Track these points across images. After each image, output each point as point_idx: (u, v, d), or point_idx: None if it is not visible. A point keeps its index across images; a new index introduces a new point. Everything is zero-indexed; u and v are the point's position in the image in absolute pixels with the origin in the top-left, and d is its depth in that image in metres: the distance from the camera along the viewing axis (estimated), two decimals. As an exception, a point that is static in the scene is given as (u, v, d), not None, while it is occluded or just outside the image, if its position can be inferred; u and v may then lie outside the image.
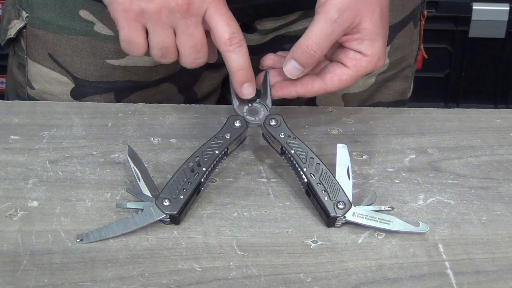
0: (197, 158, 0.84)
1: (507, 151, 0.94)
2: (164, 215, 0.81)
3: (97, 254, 0.79)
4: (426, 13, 1.11)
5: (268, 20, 1.02)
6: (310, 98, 0.95)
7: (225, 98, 1.13)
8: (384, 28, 0.86)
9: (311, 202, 0.84)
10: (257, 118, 0.87)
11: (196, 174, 0.83)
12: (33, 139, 0.92)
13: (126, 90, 1.04)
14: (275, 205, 0.85)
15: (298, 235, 0.82)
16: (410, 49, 1.09)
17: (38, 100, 1.04)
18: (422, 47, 1.12)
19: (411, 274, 0.78)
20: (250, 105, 0.88)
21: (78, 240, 0.79)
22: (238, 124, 0.87)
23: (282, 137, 0.86)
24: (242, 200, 0.86)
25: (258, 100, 0.88)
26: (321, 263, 0.79)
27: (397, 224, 0.82)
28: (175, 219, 0.82)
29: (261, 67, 0.90)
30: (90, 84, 1.03)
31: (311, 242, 0.81)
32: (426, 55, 1.14)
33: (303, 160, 0.84)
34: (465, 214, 0.85)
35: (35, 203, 0.84)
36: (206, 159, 0.84)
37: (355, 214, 0.82)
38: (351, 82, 0.87)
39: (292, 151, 0.85)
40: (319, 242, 0.81)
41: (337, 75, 0.86)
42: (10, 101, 1.00)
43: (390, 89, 1.10)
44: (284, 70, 0.87)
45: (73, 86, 1.03)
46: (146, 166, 0.87)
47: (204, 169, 0.83)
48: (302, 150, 0.85)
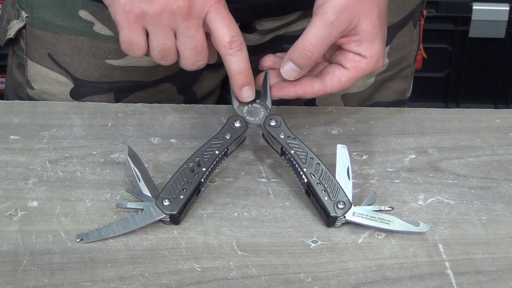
0: (197, 158, 0.84)
1: (507, 151, 0.94)
2: (164, 215, 0.81)
3: (97, 254, 0.79)
4: (425, 13, 1.11)
5: (267, 20, 1.02)
6: (309, 98, 0.95)
7: (224, 98, 1.13)
8: (382, 29, 0.87)
9: (311, 202, 0.84)
10: (257, 119, 0.87)
11: (196, 174, 0.83)
12: (33, 139, 0.92)
13: (125, 90, 1.04)
14: (275, 205, 0.85)
15: (298, 235, 0.82)
16: (410, 49, 1.09)
17: (37, 100, 1.04)
18: (422, 47, 1.12)
19: (411, 274, 0.78)
20: (250, 105, 0.88)
21: (78, 239, 0.79)
22: (238, 124, 0.87)
23: (282, 137, 0.86)
24: (242, 200, 0.86)
25: (258, 100, 0.88)
26: (321, 263, 0.79)
27: (397, 224, 0.82)
28: (175, 219, 0.82)
29: (260, 68, 0.90)
30: (89, 84, 1.03)
31: (311, 242, 0.81)
32: (425, 55, 1.14)
33: (303, 160, 0.84)
34: (465, 214, 0.85)
35: (35, 203, 0.84)
36: (206, 159, 0.84)
37: (355, 214, 0.82)
38: (351, 83, 0.87)
39: (292, 152, 0.85)
40: (319, 242, 0.81)
41: (336, 77, 0.87)
42: (10, 101, 1.00)
43: (390, 89, 1.10)
44: (281, 71, 0.87)
45: (72, 86, 1.03)
46: (146, 166, 0.87)
47: (204, 169, 0.83)
48: (302, 150, 0.85)
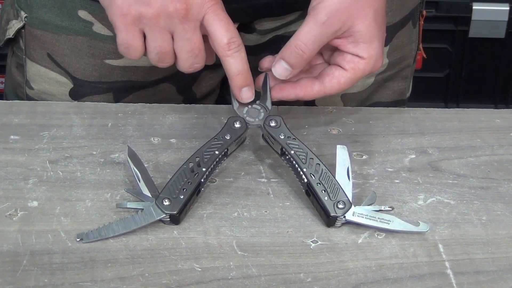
0: (197, 159, 0.84)
1: (507, 151, 0.94)
2: (164, 215, 0.81)
3: (97, 254, 0.79)
4: (425, 13, 1.11)
5: (267, 20, 1.02)
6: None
7: (224, 98, 1.13)
8: (379, 29, 0.86)
9: (311, 202, 0.84)
10: (257, 119, 0.87)
11: (196, 174, 0.83)
12: (33, 139, 0.92)
13: (125, 90, 1.04)
14: (275, 205, 0.85)
15: (298, 235, 0.82)
16: (409, 49, 1.09)
17: (37, 100, 1.04)
18: (421, 47, 1.12)
19: (411, 274, 0.78)
20: (249, 106, 0.88)
21: (78, 239, 0.80)
22: (238, 125, 0.87)
23: (282, 138, 0.86)
24: (242, 200, 0.86)
25: (257, 101, 0.88)
26: (321, 263, 0.79)
27: (397, 223, 0.82)
28: (175, 219, 0.81)
29: (260, 69, 0.90)
30: (89, 84, 1.03)
31: (311, 242, 0.81)
32: (425, 55, 1.14)
33: (303, 160, 0.84)
34: (465, 214, 0.85)
35: (35, 203, 0.84)
36: (206, 160, 0.84)
37: (355, 214, 0.82)
38: (350, 84, 0.87)
39: (292, 152, 0.85)
40: (319, 242, 0.81)
41: (335, 78, 0.87)
42: (10, 101, 1.00)
43: (389, 89, 1.10)
44: (272, 70, 0.87)
45: (72, 86, 1.03)
46: (146, 166, 0.87)
47: (204, 169, 0.83)
48: (302, 150, 0.85)
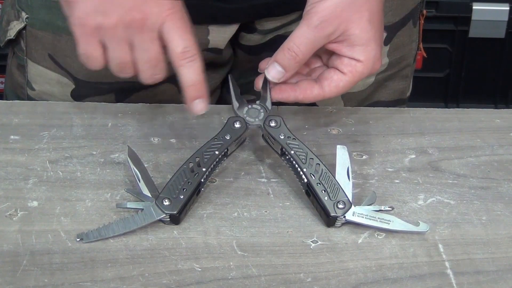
0: (197, 159, 0.84)
1: (507, 151, 0.94)
2: (164, 215, 0.81)
3: (97, 254, 0.79)
4: (425, 12, 1.11)
5: (267, 20, 1.02)
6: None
7: (224, 98, 1.13)
8: (376, 31, 0.86)
9: (311, 202, 0.84)
10: (257, 120, 0.87)
11: (196, 174, 0.83)
12: (33, 139, 0.92)
13: (126, 91, 1.04)
14: (275, 205, 0.85)
15: (298, 235, 0.82)
16: (409, 48, 1.09)
17: (37, 101, 1.04)
18: (422, 47, 1.12)
19: (411, 274, 0.78)
20: (250, 106, 0.88)
21: (78, 239, 0.80)
22: (238, 125, 0.87)
23: (282, 138, 0.86)
24: (242, 200, 0.86)
25: (258, 101, 0.88)
26: (321, 263, 0.79)
27: (397, 223, 0.82)
28: (175, 219, 0.82)
29: (259, 71, 0.90)
30: (90, 85, 1.03)
31: (311, 242, 0.81)
32: (425, 54, 1.14)
33: (303, 160, 0.84)
34: (465, 214, 0.85)
35: (35, 203, 0.84)
36: (206, 160, 0.84)
37: (355, 214, 0.82)
38: (349, 87, 0.87)
39: (292, 152, 0.85)
40: (319, 242, 0.81)
41: (334, 82, 0.87)
42: (10, 101, 1.00)
43: (390, 88, 1.10)
44: (265, 72, 0.87)
45: (73, 87, 1.03)
46: (146, 166, 0.87)
47: (204, 169, 0.83)
48: (302, 150, 0.85)
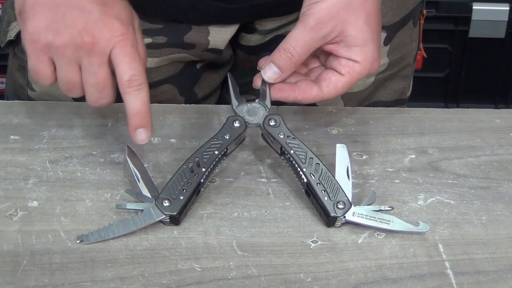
0: (196, 159, 0.84)
1: (507, 151, 0.94)
2: (164, 216, 0.81)
3: (97, 254, 0.79)
4: (425, 12, 1.11)
5: (268, 20, 1.02)
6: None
7: (224, 98, 1.13)
8: (373, 31, 0.86)
9: (311, 202, 0.84)
10: (256, 119, 0.87)
11: (195, 174, 0.83)
12: (33, 139, 0.92)
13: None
14: (275, 205, 0.85)
15: (298, 235, 0.82)
16: (410, 48, 1.09)
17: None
18: (422, 47, 1.12)
19: (411, 274, 0.78)
20: (249, 105, 0.88)
21: (78, 241, 0.79)
22: (237, 124, 0.86)
23: (282, 137, 0.86)
24: (242, 200, 0.86)
25: (257, 100, 0.88)
26: (321, 263, 0.79)
27: (397, 223, 0.82)
28: (175, 220, 0.81)
29: (258, 69, 0.90)
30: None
31: (311, 242, 0.81)
32: (425, 54, 1.14)
33: (303, 160, 0.84)
34: (465, 214, 0.85)
35: (35, 203, 0.84)
36: (205, 160, 0.84)
37: (355, 214, 0.82)
38: (347, 88, 0.87)
39: (291, 151, 0.85)
40: (319, 242, 0.81)
41: (333, 83, 0.86)
42: (10, 101, 1.00)
43: (390, 88, 1.10)
44: (262, 72, 0.87)
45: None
46: (146, 166, 0.87)
47: (203, 169, 0.83)
48: (301, 150, 0.85)
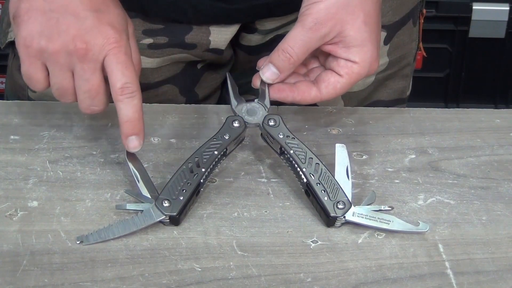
0: (196, 159, 0.84)
1: (507, 151, 0.94)
2: (163, 216, 0.81)
3: (97, 254, 0.79)
4: (425, 11, 1.11)
5: (268, 20, 1.02)
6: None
7: (224, 99, 1.13)
8: (372, 32, 0.86)
9: (311, 202, 0.84)
10: (255, 118, 0.87)
11: (195, 175, 0.83)
12: (33, 139, 0.92)
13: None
14: (275, 205, 0.85)
15: (298, 235, 0.82)
16: (409, 47, 1.09)
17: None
18: (422, 46, 1.12)
19: (411, 274, 0.78)
20: (248, 105, 0.88)
21: (78, 242, 0.79)
22: (236, 124, 0.86)
23: (281, 137, 0.86)
24: (242, 200, 0.86)
25: (256, 100, 0.88)
26: (321, 263, 0.79)
27: (397, 223, 0.82)
28: (175, 220, 0.81)
29: (258, 69, 0.90)
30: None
31: (311, 242, 0.81)
32: (425, 54, 1.14)
33: (302, 160, 0.84)
34: (465, 214, 0.85)
35: (35, 203, 0.84)
36: (205, 160, 0.84)
37: (355, 214, 0.82)
38: (346, 89, 0.87)
39: (291, 151, 0.85)
40: (319, 242, 0.81)
41: (331, 84, 0.86)
42: (10, 101, 1.00)
43: (390, 87, 1.10)
44: (260, 73, 0.87)
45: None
46: (146, 166, 0.87)
47: (203, 169, 0.83)
48: (301, 150, 0.85)
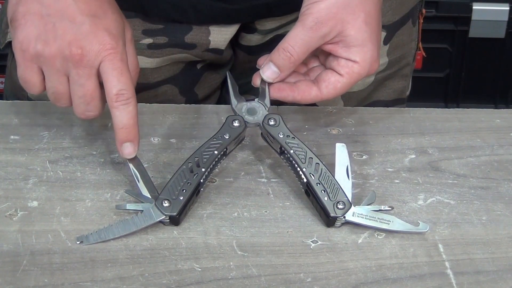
0: (196, 159, 0.84)
1: (507, 151, 0.94)
2: (163, 216, 0.81)
3: (97, 254, 0.79)
4: (424, 11, 1.11)
5: (268, 20, 1.02)
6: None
7: (224, 99, 1.13)
8: (372, 32, 0.86)
9: (311, 202, 0.84)
10: (255, 118, 0.87)
11: (195, 174, 0.83)
12: (33, 139, 0.92)
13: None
14: (275, 205, 0.85)
15: (298, 235, 0.82)
16: (409, 47, 1.09)
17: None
18: (421, 46, 1.12)
19: (411, 274, 0.78)
20: (248, 104, 0.88)
21: (78, 242, 0.79)
22: (236, 124, 0.86)
23: (281, 137, 0.86)
24: (242, 200, 0.86)
25: (256, 99, 0.88)
26: (321, 263, 0.79)
27: (397, 224, 0.82)
28: (175, 220, 0.81)
29: (258, 67, 0.90)
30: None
31: (311, 242, 0.81)
32: (424, 54, 1.14)
33: (302, 160, 0.84)
34: (465, 214, 0.85)
35: (35, 203, 0.84)
36: (205, 160, 0.84)
37: (355, 214, 0.82)
38: (346, 89, 0.87)
39: (291, 151, 0.85)
40: (319, 242, 0.81)
41: (332, 84, 0.86)
42: (10, 101, 1.00)
43: (389, 87, 1.10)
44: (260, 72, 0.87)
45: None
46: (146, 166, 0.87)
47: (203, 169, 0.83)
48: (301, 150, 0.85)
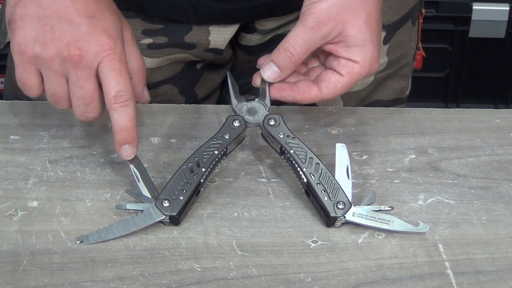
0: (196, 159, 0.84)
1: (507, 151, 0.94)
2: (164, 216, 0.81)
3: (97, 254, 0.79)
4: (424, 11, 1.11)
5: (267, 20, 1.02)
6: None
7: (224, 99, 1.13)
8: (373, 32, 0.86)
9: (311, 202, 0.84)
10: (256, 118, 0.87)
11: (195, 174, 0.83)
12: (33, 139, 0.92)
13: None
14: (275, 205, 0.85)
15: (298, 235, 0.82)
16: (409, 47, 1.09)
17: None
18: (421, 46, 1.12)
19: (411, 274, 0.78)
20: (248, 104, 0.88)
21: (78, 242, 0.79)
22: (237, 124, 0.86)
23: (281, 137, 0.86)
24: (242, 200, 0.86)
25: (257, 99, 0.88)
26: (321, 263, 0.79)
27: (397, 224, 0.82)
28: (175, 220, 0.81)
29: (258, 67, 0.90)
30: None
31: (311, 242, 0.81)
32: (424, 54, 1.14)
33: (303, 160, 0.84)
34: (465, 214, 0.85)
35: (35, 203, 0.84)
36: (205, 160, 0.84)
37: (355, 214, 0.82)
38: (347, 89, 0.87)
39: (291, 151, 0.85)
40: (319, 242, 0.81)
41: (332, 84, 0.86)
42: (10, 101, 1.00)
43: (389, 87, 1.10)
44: (261, 71, 0.87)
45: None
46: (146, 166, 0.87)
47: (203, 169, 0.83)
48: (301, 150, 0.85)
